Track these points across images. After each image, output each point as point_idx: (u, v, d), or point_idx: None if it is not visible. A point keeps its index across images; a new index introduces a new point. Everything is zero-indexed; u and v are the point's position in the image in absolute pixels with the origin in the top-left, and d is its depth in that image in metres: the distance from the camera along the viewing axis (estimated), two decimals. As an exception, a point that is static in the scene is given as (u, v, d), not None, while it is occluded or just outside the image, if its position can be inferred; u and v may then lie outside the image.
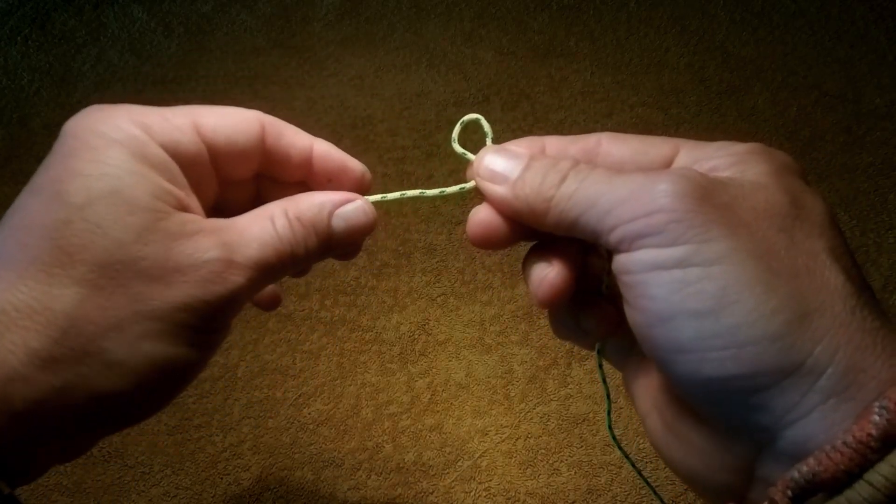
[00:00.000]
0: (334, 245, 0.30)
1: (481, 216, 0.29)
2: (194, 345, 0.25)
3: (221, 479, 0.58)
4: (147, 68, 0.85)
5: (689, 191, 0.24)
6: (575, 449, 0.58)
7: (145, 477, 0.58)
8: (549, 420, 0.59)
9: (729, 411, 0.24)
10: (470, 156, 0.31)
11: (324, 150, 0.31)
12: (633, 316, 0.25)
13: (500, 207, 0.29)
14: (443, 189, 0.32)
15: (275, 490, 0.57)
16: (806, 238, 0.24)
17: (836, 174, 0.74)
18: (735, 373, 0.23)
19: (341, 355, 0.63)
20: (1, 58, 0.85)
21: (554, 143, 0.30)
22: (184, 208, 0.26)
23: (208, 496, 0.57)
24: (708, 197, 0.24)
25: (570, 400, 0.60)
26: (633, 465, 0.34)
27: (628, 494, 0.56)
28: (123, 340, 0.24)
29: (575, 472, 0.57)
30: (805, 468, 0.22)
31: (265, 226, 0.28)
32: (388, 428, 0.60)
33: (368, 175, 0.32)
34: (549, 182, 0.27)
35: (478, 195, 0.30)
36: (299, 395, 0.61)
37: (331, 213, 0.29)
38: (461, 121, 0.33)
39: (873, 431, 0.21)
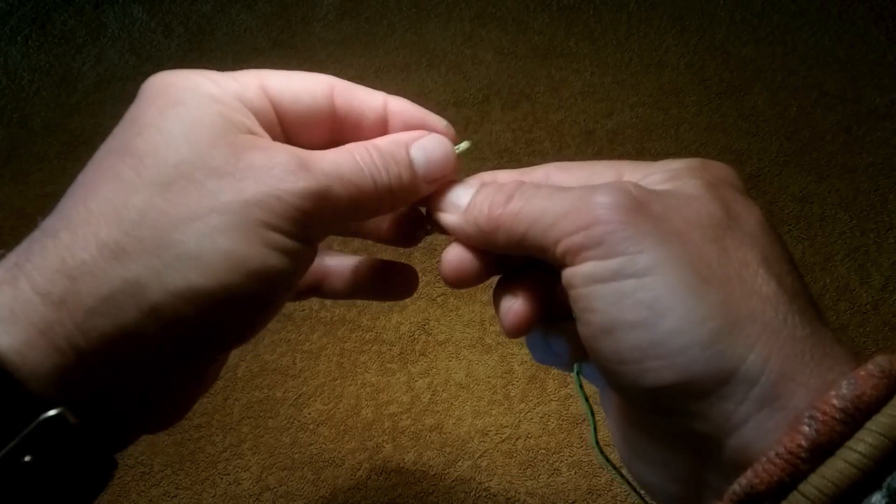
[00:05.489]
0: (419, 179, 0.29)
1: (451, 255, 0.30)
2: (272, 248, 0.24)
3: (221, 479, 0.58)
4: (147, 68, 0.85)
5: (622, 202, 0.24)
6: (575, 449, 0.58)
7: (145, 477, 0.58)
8: (549, 420, 0.59)
9: (672, 421, 0.24)
10: None
11: (399, 107, 0.30)
12: (580, 330, 0.26)
13: (457, 235, 0.30)
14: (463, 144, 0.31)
15: (275, 490, 0.57)
16: (738, 248, 0.24)
17: (836, 174, 0.73)
18: (671, 381, 0.23)
19: (341, 355, 0.63)
20: (1, 58, 0.85)
21: (505, 176, 0.31)
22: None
23: (208, 496, 0.57)
24: (641, 208, 0.24)
25: (570, 400, 0.60)
26: (622, 476, 0.34)
27: (628, 494, 0.56)
28: (196, 232, 0.23)
29: (575, 472, 0.57)
30: (744, 480, 0.22)
31: (342, 152, 0.27)
32: (388, 428, 0.60)
33: (452, 130, 0.31)
34: (496, 202, 0.28)
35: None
36: (299, 395, 0.61)
37: (408, 144, 0.29)
38: None
39: (803, 442, 0.21)
